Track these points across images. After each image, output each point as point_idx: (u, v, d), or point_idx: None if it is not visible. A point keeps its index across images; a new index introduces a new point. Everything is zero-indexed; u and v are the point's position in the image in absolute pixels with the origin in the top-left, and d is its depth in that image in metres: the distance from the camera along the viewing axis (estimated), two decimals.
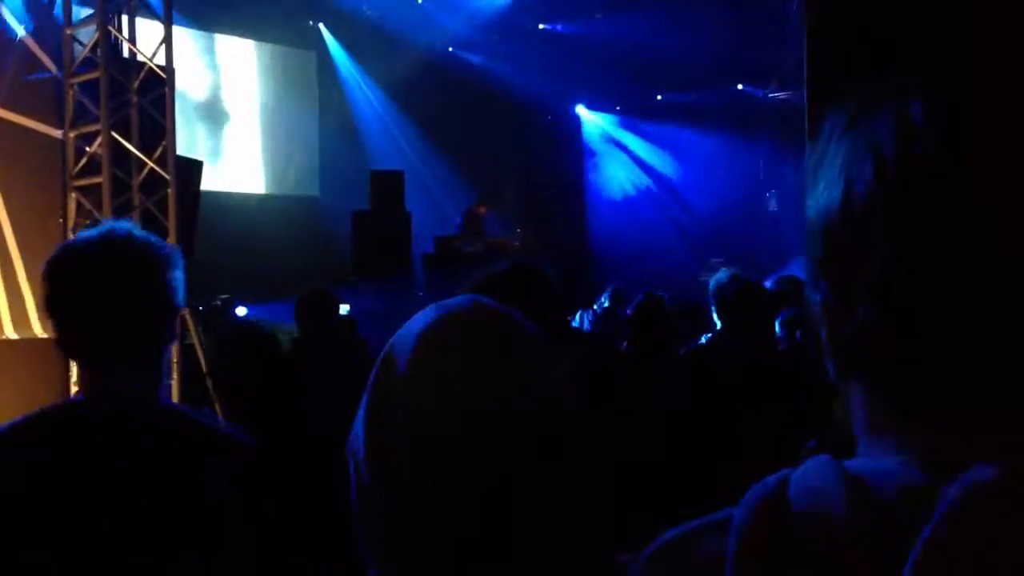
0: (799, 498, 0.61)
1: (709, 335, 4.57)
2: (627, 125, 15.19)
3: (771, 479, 0.64)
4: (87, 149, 6.44)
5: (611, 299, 6.97)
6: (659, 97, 14.78)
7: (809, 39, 3.54)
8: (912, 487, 0.59)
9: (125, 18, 6.82)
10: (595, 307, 7.18)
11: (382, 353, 0.94)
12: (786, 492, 0.62)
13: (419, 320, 0.93)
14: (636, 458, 3.06)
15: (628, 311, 4.22)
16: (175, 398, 6.33)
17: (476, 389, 0.86)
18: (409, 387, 0.88)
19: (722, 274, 4.23)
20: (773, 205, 13.43)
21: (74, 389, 6.34)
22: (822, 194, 0.68)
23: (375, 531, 0.90)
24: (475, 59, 14.68)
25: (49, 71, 6.80)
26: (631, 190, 15.09)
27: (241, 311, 9.88)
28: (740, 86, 14.06)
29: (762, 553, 0.60)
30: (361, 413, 0.92)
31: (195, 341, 6.34)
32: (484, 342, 0.90)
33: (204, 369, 6.22)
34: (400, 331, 0.94)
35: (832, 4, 3.50)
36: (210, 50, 13.32)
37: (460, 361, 0.89)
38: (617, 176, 15.27)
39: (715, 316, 3.90)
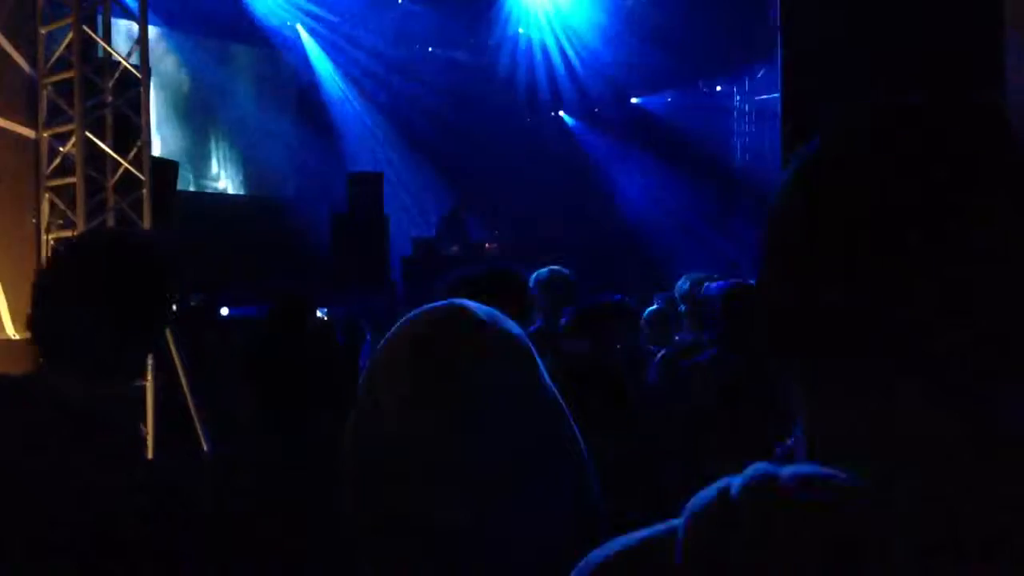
0: (738, 508, 0.62)
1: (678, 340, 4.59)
2: (605, 128, 15.24)
3: (711, 489, 0.65)
4: (61, 149, 6.38)
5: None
6: (633, 100, 14.87)
7: (784, 41, 3.57)
8: (846, 490, 0.60)
9: (100, 18, 6.77)
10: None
11: (369, 363, 0.95)
12: (727, 501, 0.63)
13: (405, 328, 0.94)
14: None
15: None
16: (149, 398, 6.28)
17: (460, 396, 0.88)
18: (398, 399, 0.89)
19: (688, 280, 4.24)
20: (748, 203, 13.50)
21: None
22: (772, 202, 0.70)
23: (364, 528, 0.90)
24: (454, 57, 14.69)
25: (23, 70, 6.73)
26: (610, 193, 15.13)
27: (224, 312, 9.84)
28: (718, 87, 14.17)
29: (705, 565, 0.61)
30: (351, 422, 0.93)
31: (170, 343, 6.29)
32: (466, 350, 0.92)
33: (180, 371, 6.18)
34: (387, 338, 0.95)
35: (807, 6, 3.52)
36: (186, 50, 13.25)
37: (443, 368, 0.90)
38: (597, 178, 15.31)
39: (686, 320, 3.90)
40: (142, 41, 6.60)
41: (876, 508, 0.58)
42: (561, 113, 15.61)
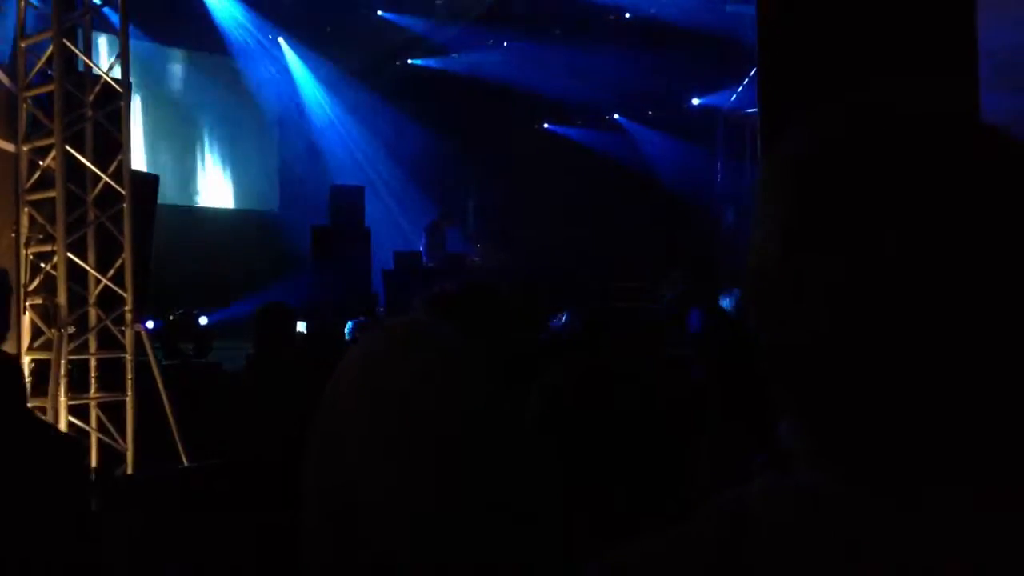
0: (756, 517, 0.62)
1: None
2: (588, 141, 15.29)
3: (726, 498, 0.65)
4: (40, 163, 6.35)
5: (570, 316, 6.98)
6: (616, 116, 14.96)
7: (761, 56, 3.59)
8: (865, 505, 0.60)
9: (81, 31, 6.75)
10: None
11: (330, 382, 0.95)
12: (743, 512, 0.63)
13: (363, 347, 0.95)
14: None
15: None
16: (129, 415, 6.25)
17: (414, 411, 0.88)
18: (351, 403, 0.90)
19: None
20: (730, 218, 13.57)
21: (29, 404, 6.24)
22: (762, 243, 0.68)
23: (321, 552, 0.91)
24: (436, 64, 14.70)
25: (2, 84, 6.71)
26: (593, 205, 15.16)
27: (203, 320, 9.82)
28: (696, 100, 14.27)
29: (722, 568, 0.61)
30: (314, 436, 0.93)
31: (150, 357, 6.26)
32: (420, 366, 0.92)
33: (160, 385, 6.15)
34: (346, 358, 0.96)
35: (786, 20, 3.55)
36: (169, 64, 13.22)
37: (398, 385, 0.90)
38: (579, 192, 15.33)
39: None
40: (123, 55, 6.58)
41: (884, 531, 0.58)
42: (544, 126, 15.66)
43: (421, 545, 0.88)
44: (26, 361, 6.25)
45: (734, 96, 13.33)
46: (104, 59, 6.80)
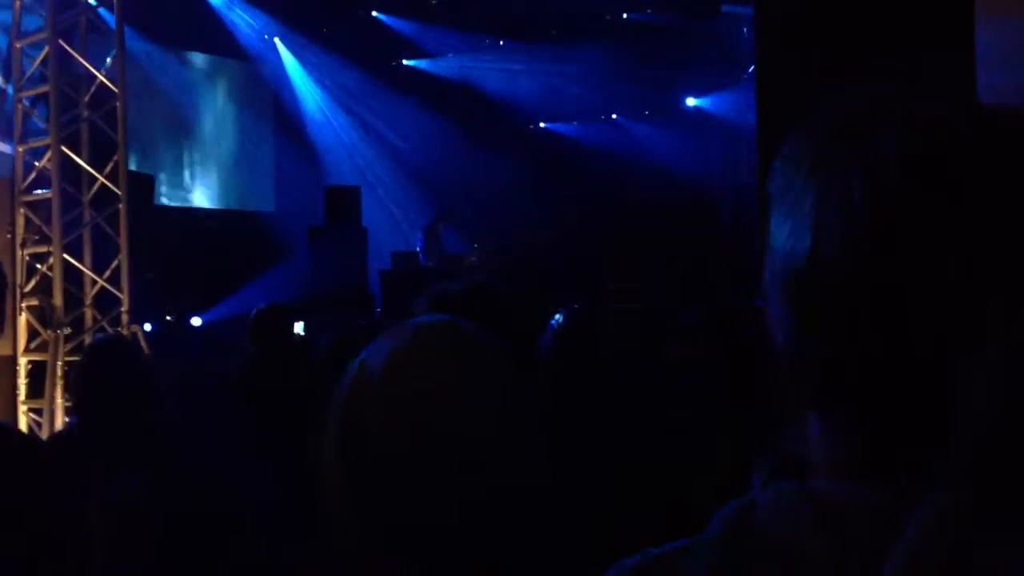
0: (767, 524, 0.62)
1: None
2: (585, 140, 15.31)
3: (736, 504, 0.64)
4: (36, 164, 6.34)
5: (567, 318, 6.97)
6: (613, 116, 15.00)
7: (759, 56, 3.60)
8: (877, 509, 0.59)
9: (77, 32, 6.74)
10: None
11: (353, 368, 0.95)
12: (753, 518, 0.62)
13: (389, 343, 0.96)
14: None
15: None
16: None
17: (442, 396, 0.89)
18: (382, 398, 0.90)
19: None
20: (727, 219, 13.58)
21: (22, 408, 6.23)
22: (787, 239, 0.65)
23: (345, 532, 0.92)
24: (432, 64, 14.73)
25: None
26: (591, 205, 15.15)
27: (197, 321, 9.81)
28: (692, 101, 14.31)
29: None
30: (334, 422, 0.94)
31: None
32: (449, 356, 0.94)
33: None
34: (372, 346, 0.96)
35: (784, 20, 3.55)
36: (164, 64, 13.20)
37: (427, 372, 0.93)
38: (576, 192, 15.34)
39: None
40: (118, 55, 6.57)
41: (895, 533, 0.56)
42: (541, 124, 15.66)
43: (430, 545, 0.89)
44: (22, 363, 6.24)
45: (731, 96, 13.35)
46: (99, 59, 6.78)
